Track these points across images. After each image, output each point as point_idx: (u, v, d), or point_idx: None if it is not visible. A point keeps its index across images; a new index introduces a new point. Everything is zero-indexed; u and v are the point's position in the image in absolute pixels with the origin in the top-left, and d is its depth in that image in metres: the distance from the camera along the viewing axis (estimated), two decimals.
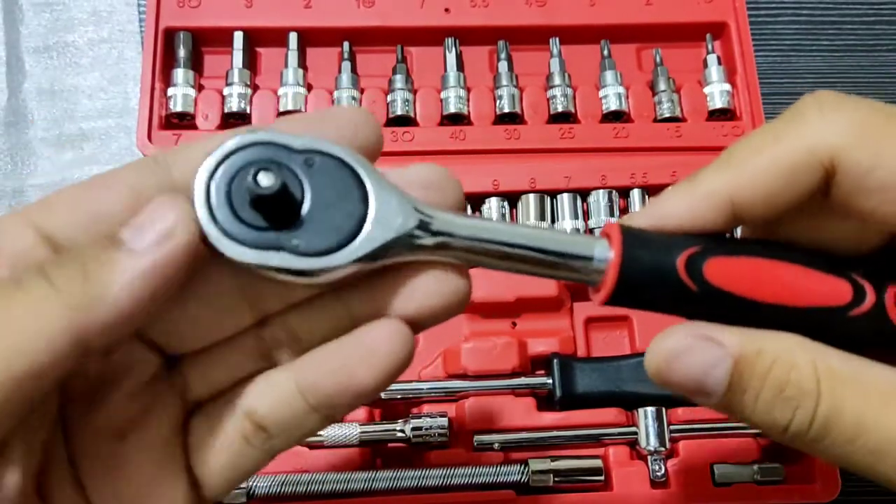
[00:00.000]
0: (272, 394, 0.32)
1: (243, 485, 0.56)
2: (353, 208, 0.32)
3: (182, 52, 0.68)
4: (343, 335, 0.32)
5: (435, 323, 0.33)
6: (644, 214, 0.34)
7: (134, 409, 0.32)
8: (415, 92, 0.70)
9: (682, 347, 0.33)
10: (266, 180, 0.30)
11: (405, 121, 0.68)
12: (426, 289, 0.32)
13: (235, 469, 0.33)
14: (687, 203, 0.33)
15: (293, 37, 0.69)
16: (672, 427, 0.59)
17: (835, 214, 0.34)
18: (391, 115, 0.68)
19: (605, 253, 0.33)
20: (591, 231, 0.66)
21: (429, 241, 0.32)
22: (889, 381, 0.31)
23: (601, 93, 0.70)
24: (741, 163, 0.33)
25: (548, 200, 0.66)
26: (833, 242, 0.35)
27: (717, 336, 0.32)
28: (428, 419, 0.59)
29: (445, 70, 0.70)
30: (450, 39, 0.71)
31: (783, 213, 0.33)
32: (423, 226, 0.32)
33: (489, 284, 0.63)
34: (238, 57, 0.68)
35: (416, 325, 0.32)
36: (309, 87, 0.69)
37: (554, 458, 0.58)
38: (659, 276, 0.33)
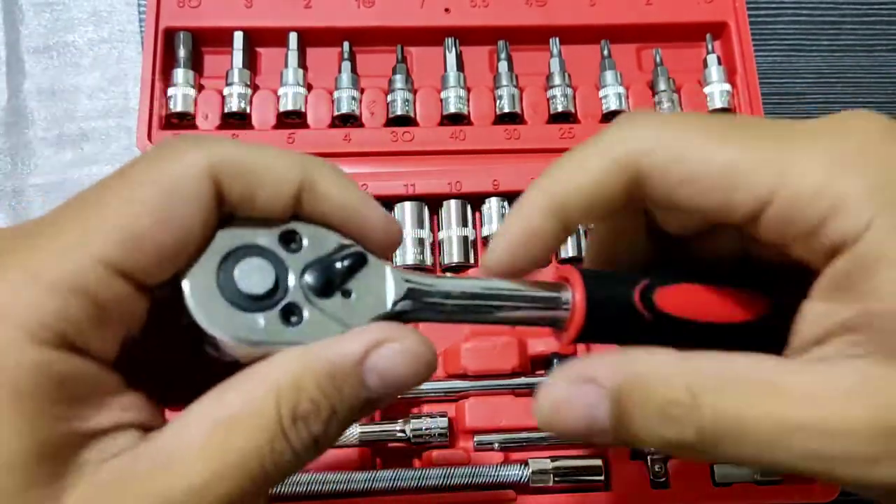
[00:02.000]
0: None
1: None
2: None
3: (182, 52, 0.68)
4: None
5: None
6: (498, 245, 0.37)
7: None
8: (415, 92, 0.70)
9: (563, 396, 0.34)
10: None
11: (405, 121, 0.69)
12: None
13: None
14: (522, 224, 0.37)
15: (293, 37, 0.69)
16: None
17: (661, 211, 0.38)
18: (391, 115, 0.68)
19: (568, 296, 0.36)
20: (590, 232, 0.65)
21: (414, 311, 0.35)
22: (765, 374, 0.32)
23: (601, 93, 0.70)
24: (558, 174, 0.36)
25: None
26: (675, 231, 0.39)
27: (591, 373, 0.33)
28: (428, 419, 0.59)
29: (445, 70, 0.70)
30: (450, 39, 0.71)
31: (609, 211, 0.36)
32: (410, 297, 0.35)
33: None
34: (238, 57, 0.68)
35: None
36: (309, 87, 0.69)
37: (554, 458, 0.58)
38: (618, 310, 0.36)
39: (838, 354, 0.32)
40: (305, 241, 0.34)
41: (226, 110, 0.67)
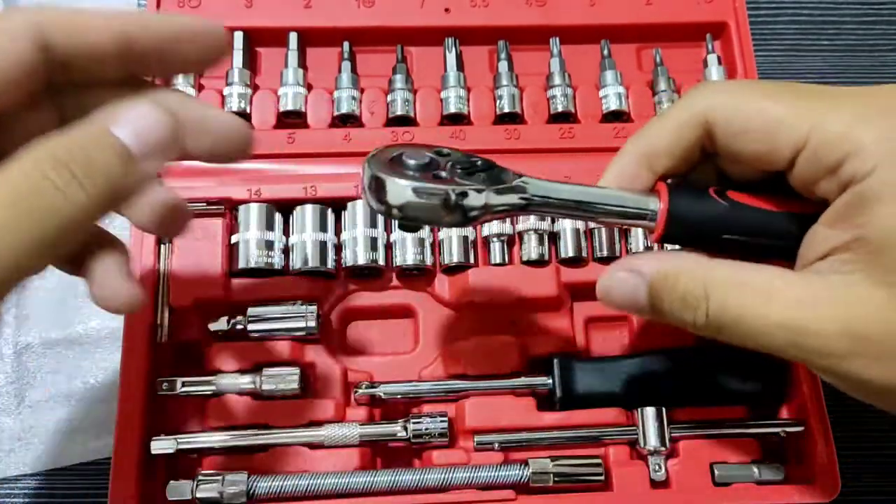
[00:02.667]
0: None
1: (242, 486, 0.56)
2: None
3: None
4: None
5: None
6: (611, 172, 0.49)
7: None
8: (415, 92, 0.70)
9: (616, 281, 0.48)
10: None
11: (405, 121, 0.69)
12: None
13: None
14: (617, 171, 0.48)
15: (293, 37, 0.69)
16: (672, 427, 0.59)
17: (727, 160, 0.47)
18: (391, 115, 0.68)
19: (656, 199, 0.46)
20: (590, 232, 0.65)
21: (525, 205, 0.47)
22: (763, 279, 0.42)
23: (601, 93, 0.70)
24: (647, 130, 0.48)
25: None
26: (737, 179, 0.48)
27: (637, 266, 0.47)
28: (428, 419, 0.59)
29: (445, 70, 0.70)
30: (450, 39, 0.71)
31: (689, 160, 0.47)
32: (521, 193, 0.47)
33: (489, 284, 0.63)
34: (238, 57, 0.68)
35: None
36: (309, 87, 0.69)
37: (554, 458, 0.58)
38: (698, 202, 0.46)
39: (831, 269, 0.40)
40: (452, 155, 0.47)
41: (226, 110, 0.67)
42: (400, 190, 0.44)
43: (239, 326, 0.60)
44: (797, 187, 0.43)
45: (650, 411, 0.59)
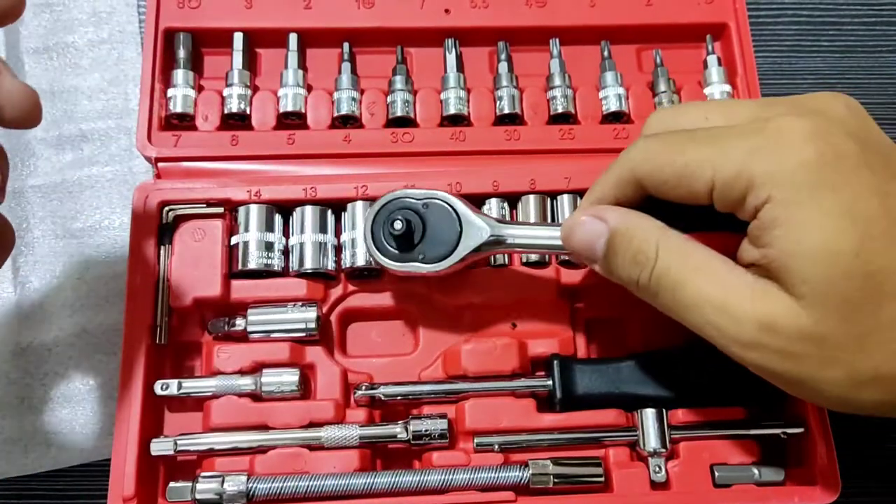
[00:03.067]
0: None
1: (242, 488, 0.56)
2: (452, 230, 0.57)
3: (182, 53, 0.67)
4: None
5: None
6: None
7: None
8: (415, 93, 0.69)
9: (581, 222, 0.52)
10: (397, 225, 0.56)
11: (405, 122, 0.68)
12: None
13: None
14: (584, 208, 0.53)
15: (293, 38, 0.69)
16: (672, 428, 0.59)
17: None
18: (391, 116, 0.68)
19: None
20: None
21: (495, 245, 0.56)
22: (704, 258, 0.46)
23: (601, 94, 0.70)
24: (595, 186, 0.53)
25: (548, 201, 0.66)
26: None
27: (603, 214, 0.51)
28: (428, 420, 0.59)
29: (445, 71, 0.70)
30: (450, 40, 0.71)
31: (637, 205, 0.51)
32: (492, 237, 0.56)
33: (489, 286, 0.63)
34: (238, 58, 0.68)
35: None
36: (309, 88, 0.69)
37: (554, 460, 0.58)
38: None
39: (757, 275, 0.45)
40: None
41: (226, 111, 0.67)
42: (386, 267, 0.58)
43: (238, 327, 0.60)
44: (726, 213, 0.47)
45: (650, 412, 0.59)
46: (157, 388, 0.59)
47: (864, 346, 0.42)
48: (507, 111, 0.69)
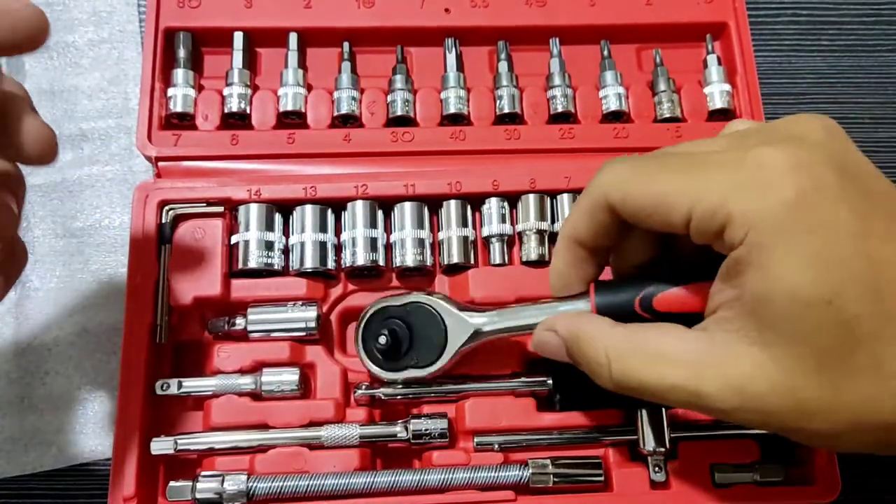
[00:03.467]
0: None
1: (242, 487, 0.56)
2: (438, 330, 0.58)
3: (182, 53, 0.68)
4: None
5: None
6: (551, 276, 0.54)
7: None
8: (415, 92, 0.70)
9: (542, 337, 0.53)
10: (382, 340, 0.57)
11: (405, 121, 0.69)
12: None
13: None
14: (557, 260, 0.53)
15: (293, 37, 0.69)
16: (672, 428, 0.59)
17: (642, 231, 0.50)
18: (391, 116, 0.68)
19: (587, 307, 0.52)
20: None
21: (482, 336, 0.57)
22: (659, 345, 0.46)
23: (601, 93, 0.70)
24: (569, 217, 0.52)
25: (548, 201, 0.66)
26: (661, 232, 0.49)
27: (554, 326, 0.52)
28: (428, 420, 0.59)
29: (445, 70, 0.70)
30: (450, 40, 0.71)
31: (612, 235, 0.50)
32: (476, 331, 0.57)
33: (489, 284, 0.63)
34: (238, 57, 0.68)
35: None
36: (309, 88, 0.69)
37: (554, 459, 0.58)
38: (623, 315, 0.50)
39: (717, 327, 0.44)
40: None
41: (226, 110, 0.67)
42: (383, 378, 0.59)
43: (238, 326, 0.61)
44: (702, 245, 0.45)
45: (650, 412, 0.59)
46: (158, 388, 0.59)
47: (840, 396, 0.41)
48: (507, 110, 0.69)
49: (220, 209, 0.63)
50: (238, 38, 0.68)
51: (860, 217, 0.41)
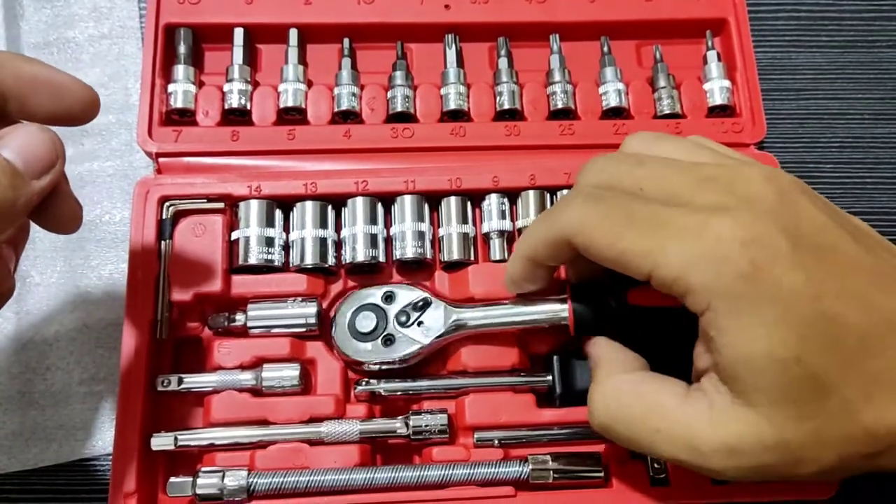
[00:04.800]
0: None
1: (242, 482, 0.56)
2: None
3: (182, 49, 0.68)
4: None
5: None
6: (507, 279, 0.57)
7: None
8: (415, 88, 0.70)
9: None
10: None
11: (405, 117, 0.69)
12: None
13: None
14: (512, 268, 0.56)
15: (293, 33, 0.69)
16: None
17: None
18: (391, 112, 0.68)
19: (565, 306, 0.56)
20: None
21: (459, 329, 0.59)
22: (655, 401, 0.48)
23: (601, 89, 0.70)
24: (525, 238, 0.53)
25: (548, 197, 0.66)
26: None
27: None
28: (428, 416, 0.59)
29: (445, 66, 0.70)
30: (450, 36, 0.71)
31: (567, 259, 0.52)
32: (456, 322, 0.59)
33: (488, 280, 0.63)
34: (238, 53, 0.68)
35: None
36: (309, 84, 0.69)
37: (554, 455, 0.59)
38: (598, 309, 0.55)
39: (712, 388, 0.46)
40: (399, 296, 0.60)
41: (226, 107, 0.67)
42: (353, 359, 0.60)
43: (238, 323, 0.61)
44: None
45: None
46: (158, 384, 0.59)
47: (822, 440, 0.44)
48: (507, 107, 0.69)
49: (221, 205, 0.63)
50: (238, 34, 0.68)
51: (815, 281, 0.43)
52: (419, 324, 0.60)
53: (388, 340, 0.59)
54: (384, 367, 0.60)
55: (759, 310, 0.43)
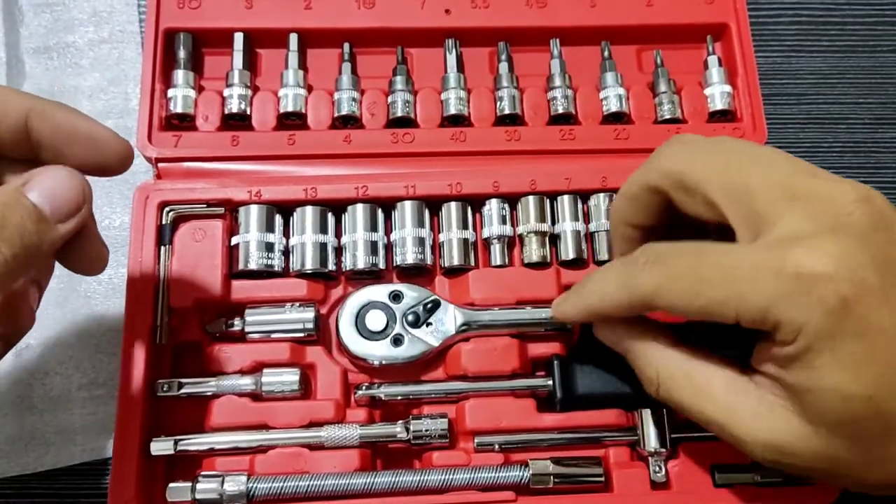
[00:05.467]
0: None
1: (242, 487, 0.56)
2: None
3: (182, 53, 0.67)
4: None
5: None
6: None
7: None
8: (415, 93, 0.70)
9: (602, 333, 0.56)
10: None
11: (405, 122, 0.68)
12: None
13: None
14: (577, 314, 0.56)
15: (293, 38, 0.69)
16: (673, 428, 0.59)
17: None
18: (392, 117, 0.68)
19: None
20: (590, 234, 0.66)
21: (467, 329, 0.61)
22: (705, 381, 0.49)
23: (602, 94, 0.70)
24: (597, 289, 0.53)
25: (548, 202, 0.66)
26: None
27: (616, 330, 0.55)
28: (428, 420, 0.59)
29: (446, 71, 0.70)
30: (450, 41, 0.71)
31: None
32: (465, 323, 0.61)
33: (489, 285, 0.63)
34: (238, 58, 0.68)
35: None
36: (309, 89, 0.69)
37: (554, 460, 0.58)
38: None
39: (768, 388, 0.46)
40: (407, 296, 0.61)
41: (226, 111, 0.67)
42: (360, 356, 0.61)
43: (236, 328, 0.61)
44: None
45: (650, 412, 0.59)
46: (158, 388, 0.59)
47: (872, 468, 0.45)
48: (507, 112, 0.69)
49: (221, 210, 0.63)
50: (238, 38, 0.68)
51: None
52: (428, 324, 0.61)
53: (398, 341, 0.60)
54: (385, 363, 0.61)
55: (843, 345, 0.42)
